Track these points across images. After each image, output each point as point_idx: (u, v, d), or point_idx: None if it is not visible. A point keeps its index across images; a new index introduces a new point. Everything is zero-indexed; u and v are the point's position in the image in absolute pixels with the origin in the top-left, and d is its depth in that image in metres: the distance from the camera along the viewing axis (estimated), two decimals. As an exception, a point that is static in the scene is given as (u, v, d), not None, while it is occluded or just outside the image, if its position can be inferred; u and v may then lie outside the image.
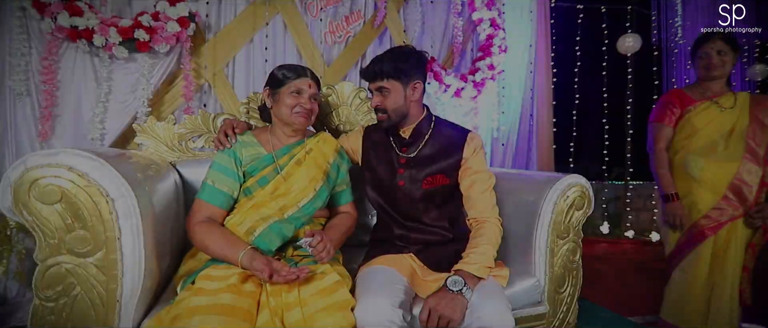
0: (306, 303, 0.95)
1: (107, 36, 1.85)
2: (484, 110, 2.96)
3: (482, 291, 1.04)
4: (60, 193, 0.82)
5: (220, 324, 0.84)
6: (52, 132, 1.89)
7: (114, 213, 0.86)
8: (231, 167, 1.19)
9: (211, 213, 1.13)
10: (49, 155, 0.82)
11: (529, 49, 3.16)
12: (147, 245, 0.92)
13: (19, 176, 0.80)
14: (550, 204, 1.36)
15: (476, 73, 2.79)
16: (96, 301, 0.85)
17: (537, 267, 1.38)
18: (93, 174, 0.84)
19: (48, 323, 0.83)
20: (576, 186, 1.39)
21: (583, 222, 1.43)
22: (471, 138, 1.28)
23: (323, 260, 1.06)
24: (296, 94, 1.21)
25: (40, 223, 0.81)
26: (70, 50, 1.91)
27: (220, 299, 0.88)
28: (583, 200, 1.41)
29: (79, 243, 0.84)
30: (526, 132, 3.22)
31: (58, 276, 0.83)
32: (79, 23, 1.81)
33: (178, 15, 2.00)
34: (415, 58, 1.25)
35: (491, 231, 1.17)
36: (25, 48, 1.82)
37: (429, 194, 1.26)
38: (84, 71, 1.94)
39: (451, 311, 0.96)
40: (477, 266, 1.08)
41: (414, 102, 1.27)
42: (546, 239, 1.36)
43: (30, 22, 1.82)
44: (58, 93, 1.89)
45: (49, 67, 1.84)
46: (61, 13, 1.77)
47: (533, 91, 3.22)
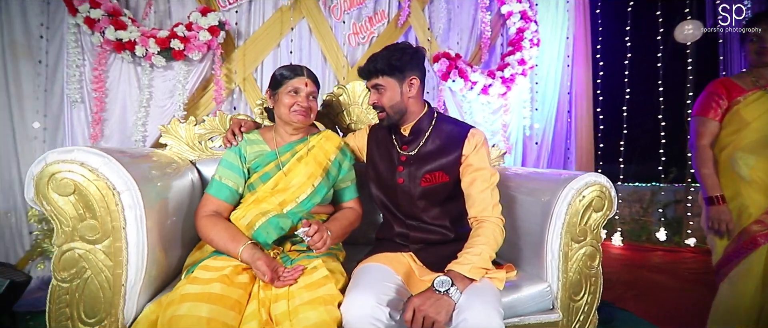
0: (293, 296, 0.97)
1: (147, 46, 2.03)
2: (515, 107, 2.84)
3: (471, 292, 0.99)
4: (73, 186, 0.91)
5: (208, 311, 0.88)
6: (101, 134, 2.11)
7: (119, 205, 0.94)
8: (236, 164, 1.25)
9: (218, 207, 1.19)
10: (65, 152, 0.92)
11: (565, 41, 2.98)
12: (151, 235, 1.00)
13: (40, 171, 0.90)
14: (564, 204, 1.28)
15: (505, 69, 2.68)
16: (104, 284, 0.94)
17: (549, 272, 1.30)
18: (102, 169, 0.93)
19: (64, 302, 0.93)
20: (594, 185, 1.29)
21: (602, 224, 1.33)
22: (472, 134, 1.23)
23: (319, 249, 1.09)
24: (293, 93, 1.24)
25: (56, 212, 0.91)
26: (116, 61, 2.12)
27: (211, 288, 0.93)
28: (603, 201, 1.30)
29: (89, 231, 0.93)
30: (564, 130, 3.04)
31: (72, 260, 0.93)
32: (123, 36, 2.00)
33: (208, 24, 2.14)
34: (409, 53, 1.23)
35: (490, 231, 1.12)
36: (80, 60, 2.05)
37: (428, 192, 1.23)
38: (128, 79, 2.15)
39: (434, 312, 0.93)
40: (469, 267, 1.03)
41: (412, 98, 1.25)
42: (559, 243, 1.28)
43: (83, 37, 2.05)
44: (106, 99, 2.11)
45: (99, 77, 2.06)
46: (108, 27, 1.97)
47: (571, 86, 3.03)
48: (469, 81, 2.61)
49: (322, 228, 1.10)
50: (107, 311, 0.94)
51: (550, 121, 2.99)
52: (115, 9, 2.00)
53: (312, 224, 1.09)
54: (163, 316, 0.89)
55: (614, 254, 3.60)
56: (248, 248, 1.07)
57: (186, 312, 0.87)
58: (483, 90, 2.67)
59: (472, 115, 2.74)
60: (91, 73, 2.05)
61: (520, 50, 2.70)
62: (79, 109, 2.08)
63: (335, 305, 0.97)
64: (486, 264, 1.07)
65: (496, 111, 2.80)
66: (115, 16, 1.99)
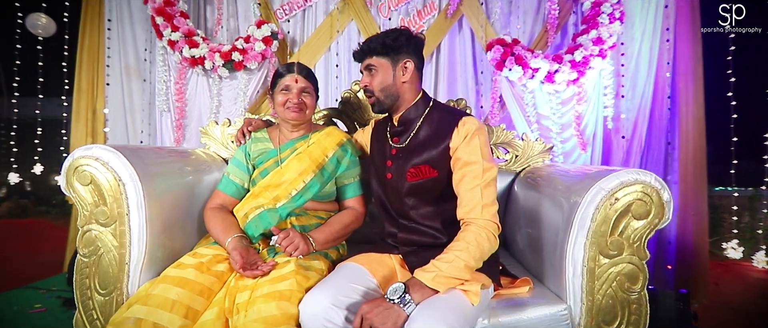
0: (256, 288, 0.99)
1: (213, 60, 2.33)
2: (592, 95, 2.41)
3: (428, 304, 0.87)
4: (90, 177, 1.09)
5: (176, 294, 0.96)
6: (183, 138, 2.48)
7: (123, 194, 1.09)
8: (242, 161, 1.33)
9: (223, 201, 1.29)
10: (86, 149, 1.10)
11: (662, 12, 2.42)
12: (154, 222, 1.13)
13: (68, 164, 1.10)
14: (590, 209, 1.05)
15: (576, 50, 2.29)
16: (112, 261, 1.10)
17: (569, 291, 1.07)
18: (112, 163, 1.09)
19: (85, 274, 1.11)
20: (633, 186, 1.03)
21: (648, 236, 1.03)
22: (463, 123, 1.08)
23: (294, 255, 1.09)
24: (285, 91, 1.28)
25: (79, 198, 1.10)
26: (193, 75, 2.47)
27: (185, 273, 1.01)
28: (647, 207, 1.02)
29: (101, 216, 1.09)
30: (664, 121, 2.46)
31: (90, 240, 1.10)
32: (196, 53, 2.33)
33: (262, 35, 2.35)
34: (405, 35, 1.15)
35: (472, 236, 0.97)
36: (166, 76, 2.46)
37: (416, 188, 1.12)
38: (203, 90, 2.49)
39: (380, 322, 0.84)
40: (432, 276, 0.91)
41: (406, 84, 1.16)
42: (582, 256, 1.05)
43: (168, 56, 2.45)
44: (186, 108, 2.48)
45: (179, 89, 2.43)
46: (185, 47, 2.32)
47: (674, 67, 2.44)
48: (529, 68, 2.31)
49: (292, 235, 1.10)
50: (114, 284, 1.10)
51: (643, 110, 2.45)
52: (190, 31, 2.34)
53: (282, 231, 1.11)
54: (144, 293, 0.99)
55: (757, 279, 2.80)
56: (234, 240, 1.13)
57: (159, 292, 0.96)
58: (547, 77, 2.33)
59: (536, 108, 2.42)
60: (174, 86, 2.43)
61: (595, 27, 2.28)
62: (166, 118, 2.48)
63: (294, 301, 0.95)
64: (460, 274, 0.92)
65: (567, 101, 2.42)
66: (189, 36, 2.33)
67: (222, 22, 2.57)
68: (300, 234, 1.13)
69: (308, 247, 1.12)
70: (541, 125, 2.44)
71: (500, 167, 1.64)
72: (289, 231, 1.11)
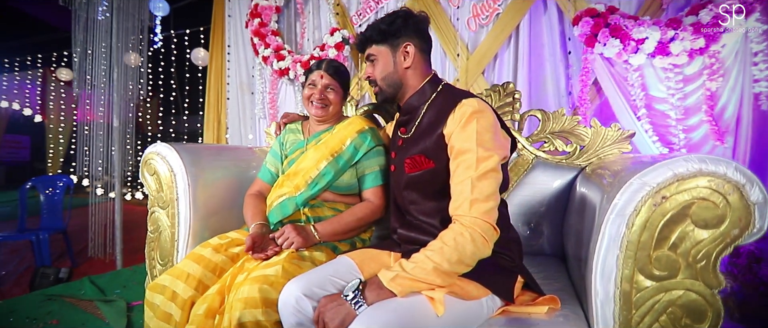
0: (253, 271, 1.05)
1: (295, 70, 2.59)
2: (730, 68, 1.78)
3: (380, 305, 0.77)
4: (154, 168, 1.34)
5: (193, 269, 1.09)
6: (275, 141, 2.82)
7: (174, 182, 1.30)
8: (277, 151, 1.45)
9: (261, 187, 1.42)
10: (153, 146, 1.36)
11: None
12: (200, 207, 1.32)
13: (143, 158, 1.37)
14: (626, 211, 0.80)
15: (701, 10, 1.73)
16: (167, 238, 1.32)
17: (596, 318, 0.83)
18: (168, 157, 1.32)
19: (151, 247, 1.36)
20: (695, 179, 0.75)
21: (722, 253, 0.73)
22: (460, 105, 0.94)
23: (295, 248, 1.12)
24: (311, 86, 1.33)
25: (148, 185, 1.36)
26: (283, 85, 2.80)
27: (204, 252, 1.14)
28: (716, 210, 0.74)
29: (160, 200, 1.33)
30: None
31: (155, 220, 1.35)
32: (282, 65, 2.63)
33: (334, 42, 2.50)
34: (402, 17, 1.07)
35: (450, 236, 0.83)
36: (262, 87, 2.84)
37: (413, 181, 1.03)
38: (290, 97, 2.79)
39: (329, 318, 0.79)
40: (392, 276, 0.81)
41: (409, 70, 1.07)
42: (614, 275, 0.80)
43: (263, 69, 2.83)
44: (278, 115, 2.81)
45: (272, 98, 2.78)
46: (274, 60, 2.64)
47: None
48: (630, 40, 1.85)
49: (287, 232, 1.14)
50: (168, 257, 1.32)
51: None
52: (279, 46, 2.66)
53: (280, 229, 1.16)
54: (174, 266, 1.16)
55: None
56: (255, 227, 1.22)
57: (181, 266, 1.11)
58: (658, 49, 1.82)
59: (647, 90, 1.92)
60: (268, 96, 2.79)
61: (734, -26, 1.68)
62: (263, 124, 2.86)
63: (277, 287, 0.98)
64: (426, 277, 0.80)
65: (692, 78, 1.84)
66: (278, 51, 2.65)
67: (306, 35, 2.84)
68: (297, 228, 1.14)
69: (306, 240, 1.13)
70: (652, 112, 1.92)
71: (556, 161, 1.36)
72: (285, 227, 1.14)
